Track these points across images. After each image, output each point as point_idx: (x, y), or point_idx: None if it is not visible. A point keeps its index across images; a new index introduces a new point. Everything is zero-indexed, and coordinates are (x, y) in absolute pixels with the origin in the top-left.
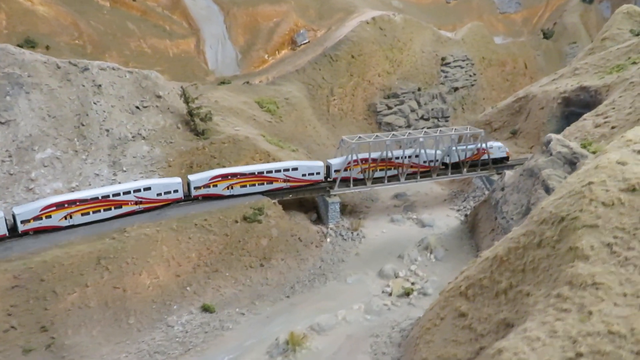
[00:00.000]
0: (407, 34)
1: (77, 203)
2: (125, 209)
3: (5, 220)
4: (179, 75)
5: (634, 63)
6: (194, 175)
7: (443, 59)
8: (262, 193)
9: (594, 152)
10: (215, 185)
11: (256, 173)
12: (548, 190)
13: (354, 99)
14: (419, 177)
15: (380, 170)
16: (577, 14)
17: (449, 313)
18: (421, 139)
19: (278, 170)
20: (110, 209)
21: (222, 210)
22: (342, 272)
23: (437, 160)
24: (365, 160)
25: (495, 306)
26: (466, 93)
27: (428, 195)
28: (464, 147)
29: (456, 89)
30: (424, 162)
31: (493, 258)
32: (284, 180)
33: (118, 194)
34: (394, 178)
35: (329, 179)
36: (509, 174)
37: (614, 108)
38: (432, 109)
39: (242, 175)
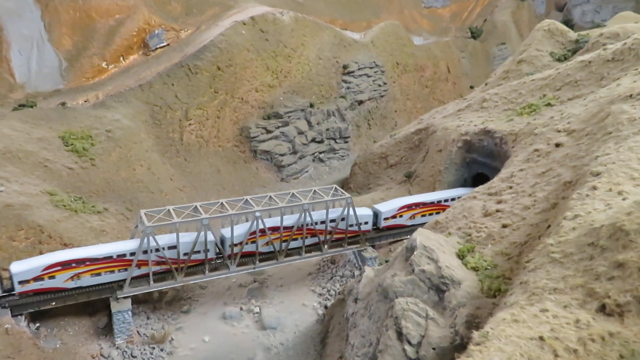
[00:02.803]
0: (299, 37)
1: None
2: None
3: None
4: None
5: (548, 104)
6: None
7: (345, 66)
8: None
9: (474, 269)
10: (401, 216)
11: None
12: (401, 337)
13: (219, 122)
14: (257, 262)
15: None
16: (509, 11)
17: None
18: (257, 214)
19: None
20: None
21: None
22: None
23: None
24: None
25: None
26: (374, 106)
27: (291, 266)
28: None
29: (361, 102)
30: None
31: None
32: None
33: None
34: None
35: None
36: (366, 275)
37: (511, 187)
38: (328, 129)
39: (424, 204)
